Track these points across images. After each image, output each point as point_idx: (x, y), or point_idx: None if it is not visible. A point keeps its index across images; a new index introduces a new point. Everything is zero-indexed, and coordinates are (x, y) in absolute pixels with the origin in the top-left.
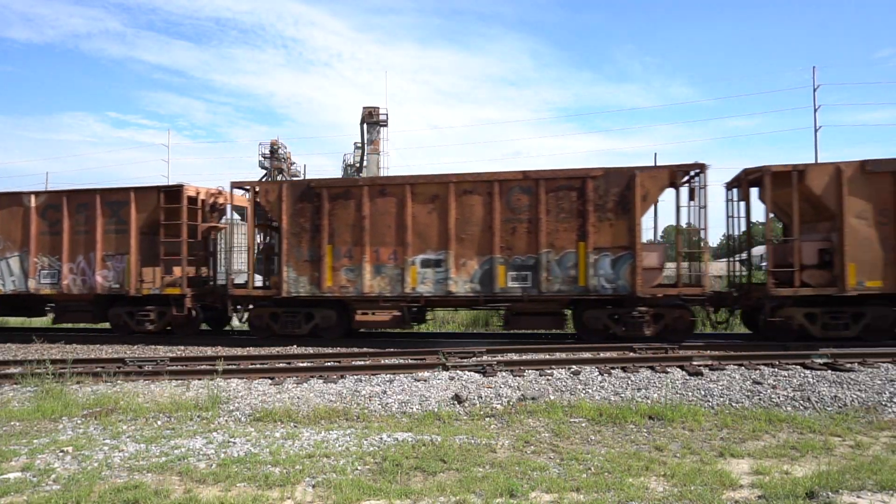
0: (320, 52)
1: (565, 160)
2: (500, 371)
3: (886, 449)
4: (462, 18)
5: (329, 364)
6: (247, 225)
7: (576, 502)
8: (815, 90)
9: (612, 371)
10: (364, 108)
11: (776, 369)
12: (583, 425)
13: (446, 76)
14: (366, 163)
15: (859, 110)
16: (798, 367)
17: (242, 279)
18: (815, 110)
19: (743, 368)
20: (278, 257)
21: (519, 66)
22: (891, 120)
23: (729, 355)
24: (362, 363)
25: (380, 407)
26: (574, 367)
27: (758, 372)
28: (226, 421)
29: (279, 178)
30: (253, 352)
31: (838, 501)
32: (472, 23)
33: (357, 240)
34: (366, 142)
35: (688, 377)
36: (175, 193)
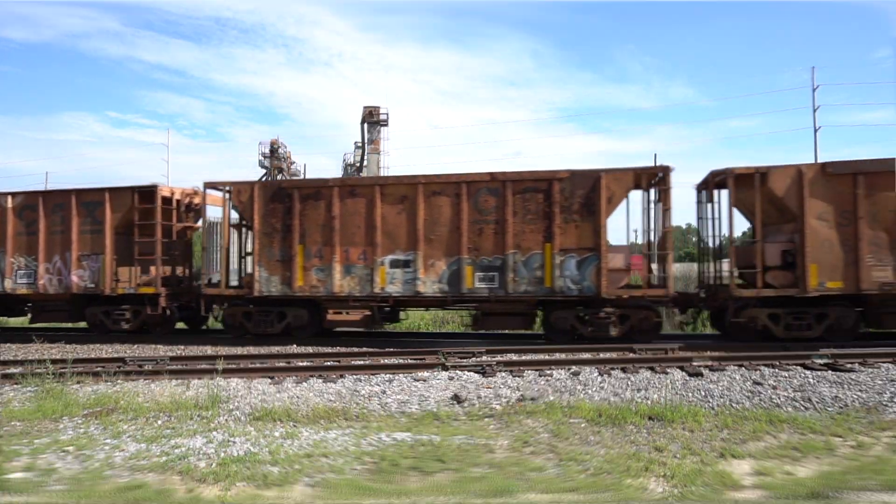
0: (321, 52)
1: (566, 161)
2: (500, 371)
3: (888, 449)
4: (463, 18)
5: (328, 364)
6: (221, 225)
7: (573, 503)
8: (814, 90)
9: (612, 372)
10: (365, 107)
11: (776, 370)
12: (582, 426)
13: (447, 76)
14: (366, 162)
15: (858, 110)
16: (798, 368)
17: (217, 278)
18: (814, 111)
19: (743, 369)
20: (251, 257)
21: (520, 67)
22: (890, 120)
23: (729, 356)
24: (362, 363)
25: (379, 407)
26: (574, 367)
27: (758, 372)
28: (225, 420)
29: (279, 177)
30: (253, 351)
31: (841, 501)
32: (473, 23)
33: (327, 240)
34: (366, 141)
35: (688, 378)
36: (149, 194)
